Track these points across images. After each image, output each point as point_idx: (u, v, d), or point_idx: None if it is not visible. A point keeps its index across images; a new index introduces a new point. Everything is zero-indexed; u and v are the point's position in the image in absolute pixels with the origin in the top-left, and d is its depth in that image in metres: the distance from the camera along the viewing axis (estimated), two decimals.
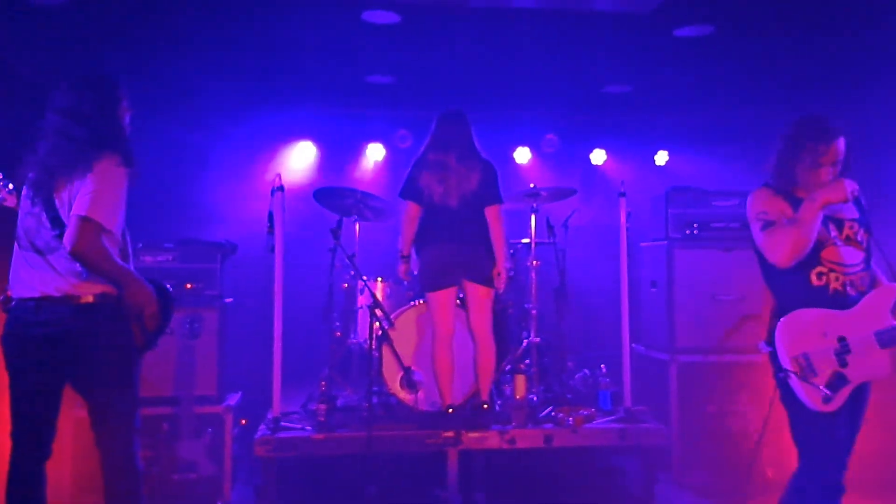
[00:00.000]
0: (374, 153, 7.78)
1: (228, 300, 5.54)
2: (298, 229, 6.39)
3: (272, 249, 4.95)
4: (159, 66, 6.04)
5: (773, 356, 3.42)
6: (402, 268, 5.16)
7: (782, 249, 3.31)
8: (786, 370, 3.34)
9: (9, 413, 3.23)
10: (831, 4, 4.92)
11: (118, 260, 3.19)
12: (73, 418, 4.75)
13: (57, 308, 3.13)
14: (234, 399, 5.35)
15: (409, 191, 5.05)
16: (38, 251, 3.17)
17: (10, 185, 3.29)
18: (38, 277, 3.16)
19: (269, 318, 5.03)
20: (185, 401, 4.94)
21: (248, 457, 5.25)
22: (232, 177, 7.09)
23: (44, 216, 3.15)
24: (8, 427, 3.23)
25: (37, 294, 3.13)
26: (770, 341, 3.42)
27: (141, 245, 5.16)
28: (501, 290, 5.19)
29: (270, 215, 4.94)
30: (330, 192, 6.01)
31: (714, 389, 5.61)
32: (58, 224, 3.12)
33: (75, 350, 3.15)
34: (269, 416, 5.05)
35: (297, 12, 5.11)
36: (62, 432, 3.38)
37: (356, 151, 7.80)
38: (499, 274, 5.03)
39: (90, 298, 3.15)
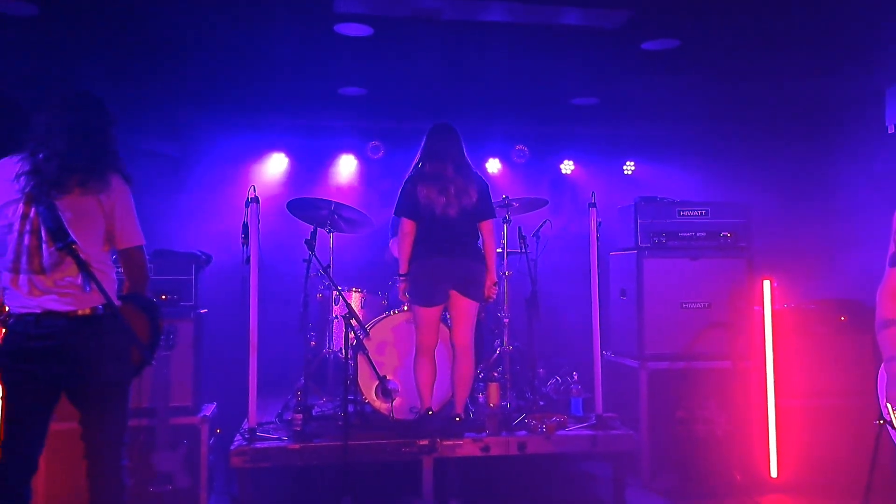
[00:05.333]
0: (347, 164, 7.84)
1: (203, 311, 5.54)
2: (273, 240, 6.41)
3: (247, 260, 4.98)
4: (133, 78, 6.06)
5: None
6: (402, 287, 5.08)
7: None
8: (884, 419, 3.12)
9: None
10: (793, 21, 5.07)
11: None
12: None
13: (57, 321, 3.12)
14: (209, 410, 5.34)
15: (405, 207, 5.00)
16: (40, 270, 3.14)
17: None
18: (40, 296, 3.14)
19: (244, 328, 5.04)
20: (160, 412, 4.93)
21: (224, 467, 5.26)
22: (206, 188, 7.09)
23: (43, 230, 3.11)
24: None
25: (38, 310, 3.13)
26: None
27: (115, 257, 5.15)
28: (493, 299, 5.25)
29: (245, 226, 4.97)
30: (304, 203, 6.04)
31: (683, 395, 5.71)
32: (60, 236, 3.05)
33: (74, 361, 3.15)
34: (245, 426, 5.05)
35: (271, 25, 5.15)
36: None
37: (329, 163, 7.86)
38: (495, 284, 5.11)
39: (87, 311, 3.17)
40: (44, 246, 3.14)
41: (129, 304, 3.34)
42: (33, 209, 3.14)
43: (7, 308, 3.21)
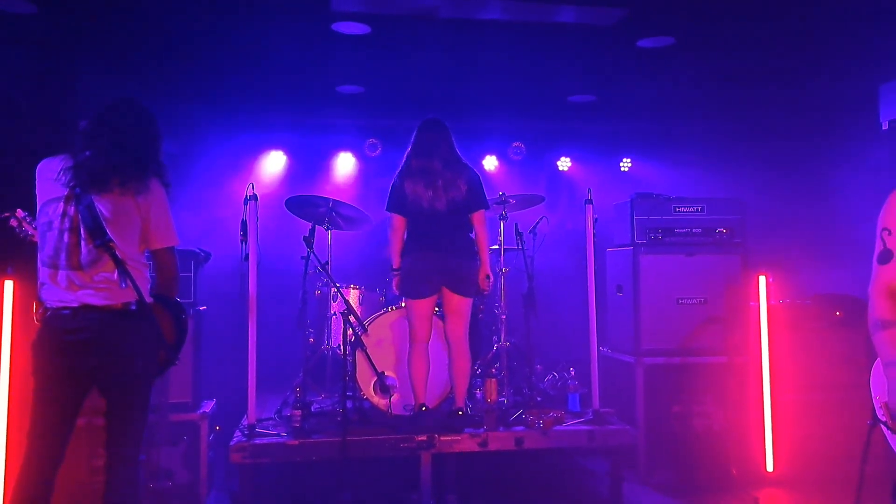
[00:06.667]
0: (345, 162, 7.87)
1: (202, 308, 5.57)
2: (271, 237, 6.43)
3: (246, 257, 5.00)
4: (131, 75, 6.07)
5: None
6: (396, 281, 5.15)
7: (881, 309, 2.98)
8: (877, 419, 3.10)
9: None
10: (787, 19, 5.10)
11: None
12: None
13: (92, 314, 3.21)
14: (209, 406, 5.37)
15: (393, 203, 5.06)
16: (78, 266, 3.22)
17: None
18: (77, 291, 3.22)
19: (243, 325, 5.06)
20: (160, 409, 4.95)
21: (224, 463, 5.28)
22: (205, 185, 7.11)
23: (82, 228, 3.21)
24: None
25: (75, 304, 3.21)
26: None
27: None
28: (488, 292, 5.27)
29: (244, 224, 4.99)
30: (302, 200, 6.06)
31: (679, 391, 5.75)
32: (99, 234, 3.16)
33: (108, 353, 3.23)
34: (245, 422, 5.08)
35: (269, 24, 5.16)
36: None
37: (327, 160, 7.88)
38: (487, 277, 5.12)
39: (120, 305, 3.25)
40: (82, 243, 3.23)
41: (157, 305, 3.44)
42: (73, 207, 3.24)
43: (43, 303, 3.29)
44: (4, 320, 4.35)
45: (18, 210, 3.54)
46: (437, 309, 5.29)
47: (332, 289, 5.99)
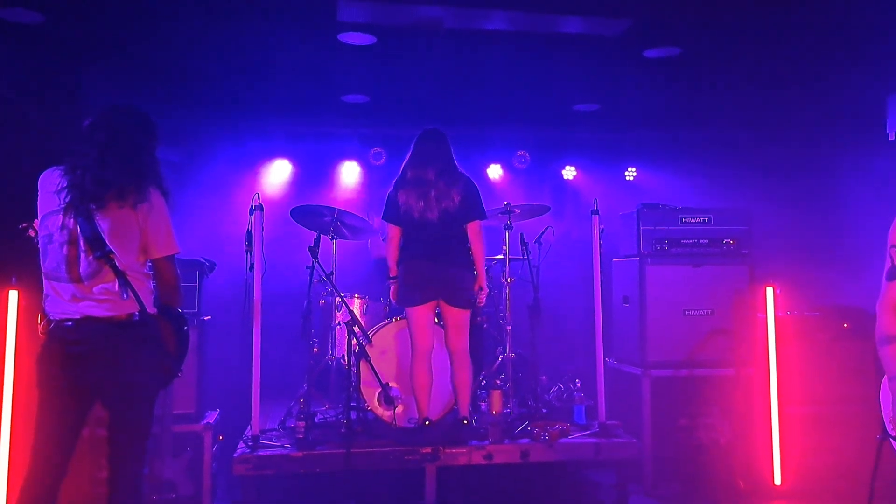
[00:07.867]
0: (350, 171, 7.85)
1: (207, 318, 5.55)
2: (276, 247, 6.41)
3: (251, 268, 5.00)
4: (137, 85, 6.07)
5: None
6: (393, 290, 5.18)
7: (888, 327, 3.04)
8: (886, 434, 3.13)
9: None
10: (794, 29, 5.08)
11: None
12: None
13: (95, 326, 3.21)
14: (212, 417, 5.35)
15: (387, 212, 5.11)
16: (78, 279, 3.22)
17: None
18: (79, 303, 3.22)
19: (247, 335, 5.06)
20: (164, 420, 4.93)
21: (227, 475, 5.26)
22: (209, 194, 7.08)
23: (82, 241, 3.21)
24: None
25: (77, 316, 3.21)
26: None
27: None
28: (482, 305, 5.26)
29: (249, 234, 4.99)
30: (307, 210, 6.05)
31: (685, 403, 5.71)
32: (98, 246, 3.17)
33: (111, 365, 3.22)
34: (248, 433, 5.06)
35: (276, 34, 5.16)
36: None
37: (332, 169, 7.85)
38: (480, 289, 5.11)
39: (124, 317, 3.24)
40: (82, 255, 3.23)
41: (159, 316, 3.42)
42: (72, 220, 3.23)
43: (47, 315, 3.29)
44: (9, 331, 4.33)
45: (37, 220, 3.53)
46: (437, 319, 5.28)
47: (337, 298, 5.97)
